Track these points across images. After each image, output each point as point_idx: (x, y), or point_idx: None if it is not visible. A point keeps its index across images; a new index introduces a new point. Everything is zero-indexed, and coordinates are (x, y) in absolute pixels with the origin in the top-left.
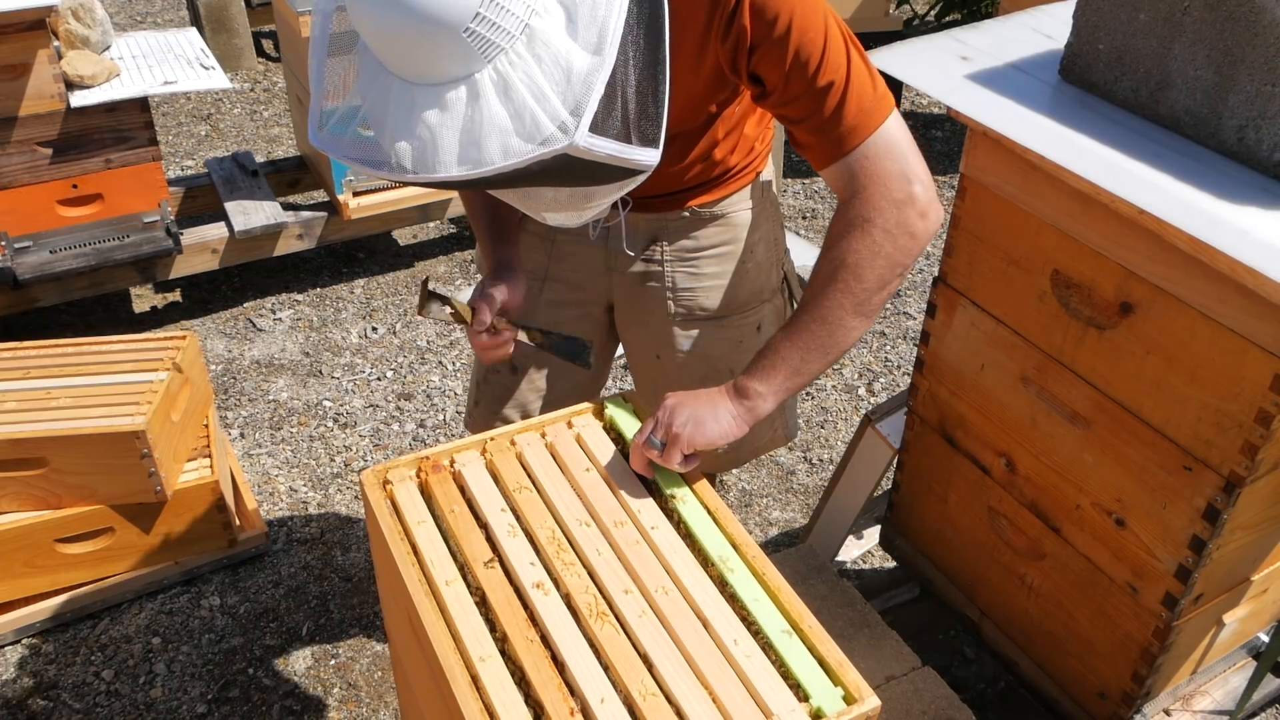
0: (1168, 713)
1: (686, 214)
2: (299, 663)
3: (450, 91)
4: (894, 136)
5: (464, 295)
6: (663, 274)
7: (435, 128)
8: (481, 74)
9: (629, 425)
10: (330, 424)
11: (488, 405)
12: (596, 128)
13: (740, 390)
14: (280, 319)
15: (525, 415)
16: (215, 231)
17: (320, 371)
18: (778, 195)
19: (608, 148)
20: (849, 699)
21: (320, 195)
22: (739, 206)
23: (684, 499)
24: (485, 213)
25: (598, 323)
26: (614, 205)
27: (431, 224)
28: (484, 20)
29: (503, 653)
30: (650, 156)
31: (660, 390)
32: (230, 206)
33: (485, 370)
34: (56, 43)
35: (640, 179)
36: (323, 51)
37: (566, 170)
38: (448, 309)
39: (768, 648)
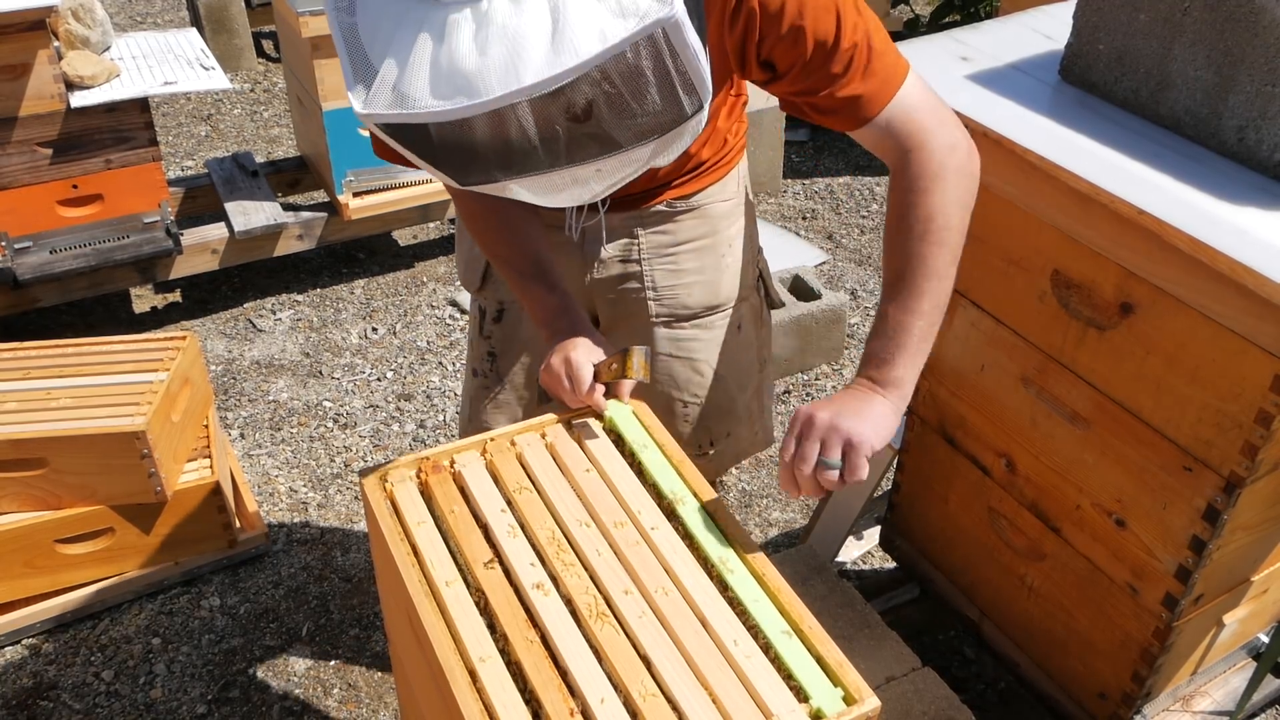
0: None
1: (663, 207)
2: (299, 663)
3: None
4: (921, 86)
5: (464, 295)
6: (641, 274)
7: (517, 32)
8: None
9: (629, 426)
10: (330, 424)
11: (476, 421)
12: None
13: (881, 381)
14: (280, 319)
15: None
16: (215, 232)
17: (320, 372)
18: (753, 193)
19: (694, 39)
20: (849, 699)
21: (320, 195)
22: (715, 198)
23: (684, 500)
24: (522, 257)
25: None
26: (593, 206)
27: (431, 224)
28: None
29: (503, 653)
30: (709, 82)
31: (642, 392)
32: (230, 207)
33: (476, 386)
34: (56, 43)
35: (681, 141)
36: (336, 16)
37: (638, 86)
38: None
39: (767, 648)
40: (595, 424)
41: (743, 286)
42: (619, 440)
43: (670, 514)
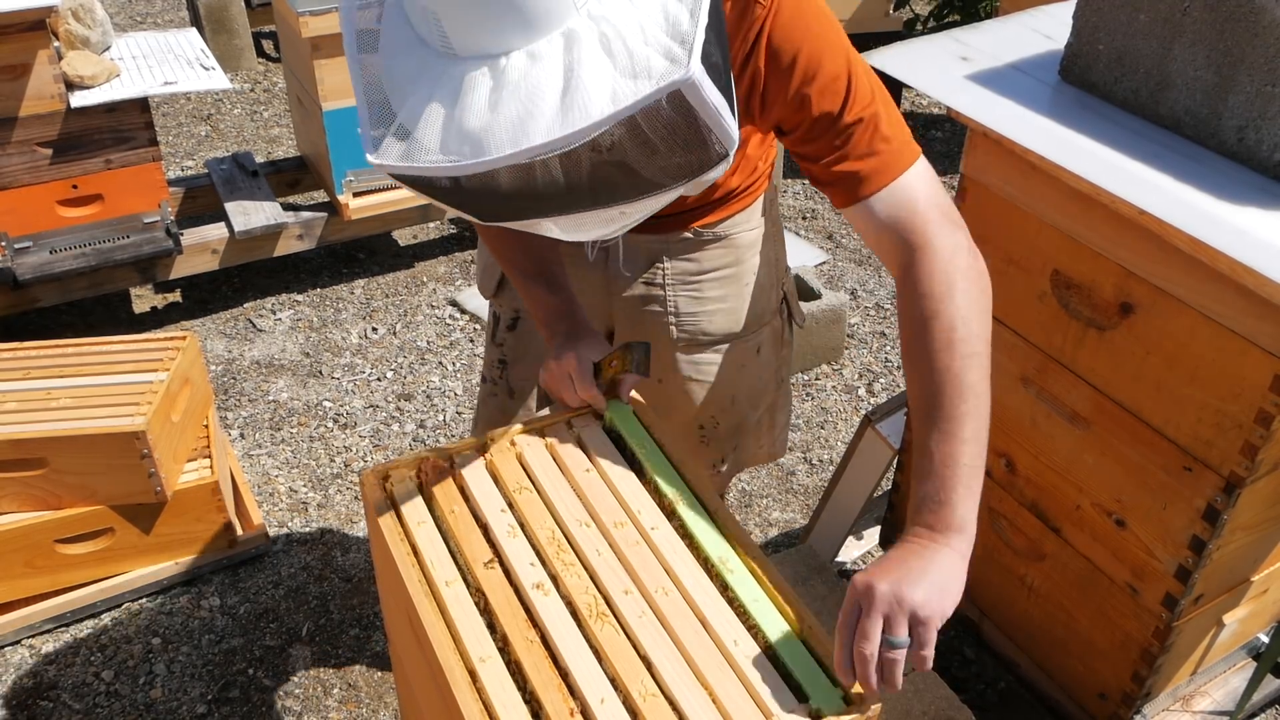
0: None
1: (689, 235)
2: (299, 663)
3: (541, 45)
4: (928, 179)
5: (474, 301)
6: (664, 298)
7: (530, 91)
8: (574, 23)
9: (629, 425)
10: (330, 424)
11: (484, 428)
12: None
13: (941, 527)
14: (280, 319)
15: None
16: (215, 232)
17: (320, 372)
18: (779, 210)
19: (714, 95)
20: (849, 699)
21: (320, 195)
22: (742, 228)
23: (684, 499)
24: (526, 257)
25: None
26: None
27: (431, 224)
28: None
29: (503, 653)
30: (735, 132)
31: (660, 414)
32: (230, 207)
33: (485, 393)
34: (56, 43)
35: (711, 175)
36: (358, 64)
37: (660, 136)
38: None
39: (768, 648)
40: (595, 424)
41: (765, 312)
42: (619, 439)
43: (670, 514)
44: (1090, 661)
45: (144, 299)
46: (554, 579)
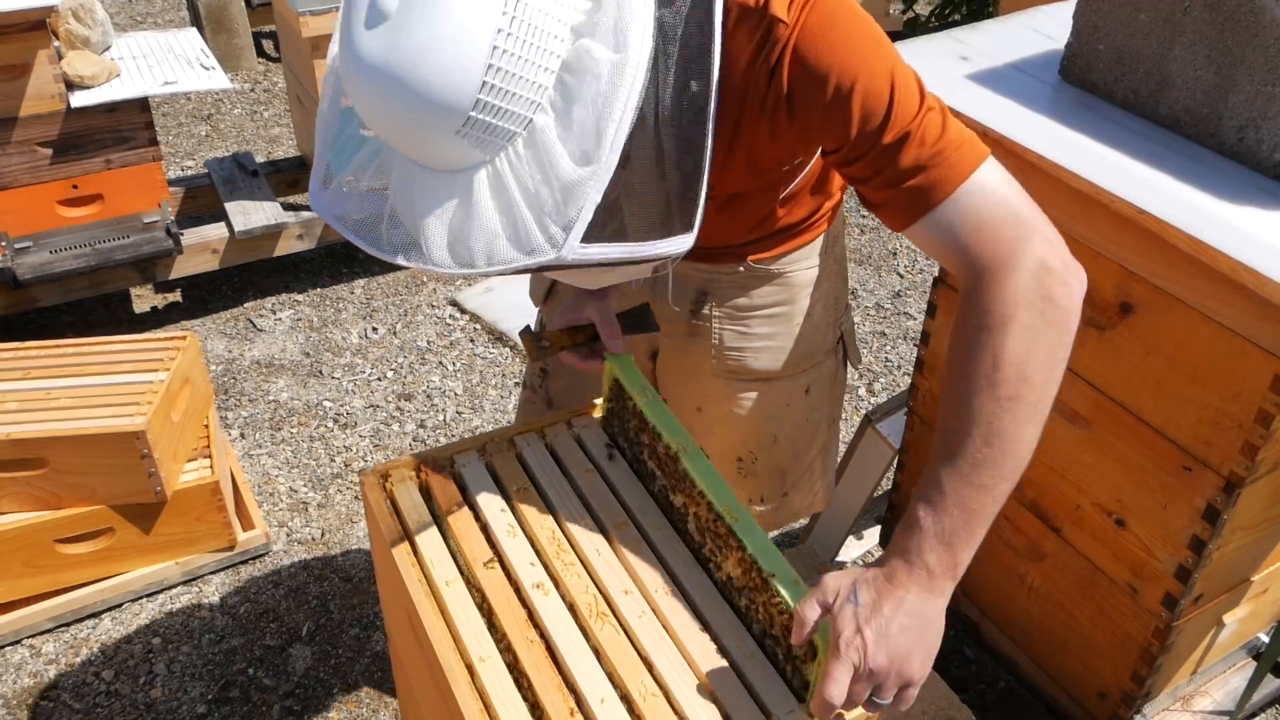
0: None
1: (741, 269)
2: (299, 663)
3: (451, 179)
4: (994, 180)
5: (474, 300)
6: (710, 330)
7: (428, 216)
8: (479, 170)
9: (629, 375)
10: (330, 424)
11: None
12: (596, 235)
13: (941, 571)
14: (280, 319)
15: None
16: (215, 232)
17: (320, 372)
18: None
19: (611, 253)
20: None
21: None
22: (799, 265)
23: (687, 449)
24: None
25: (640, 366)
26: None
27: None
28: (476, 123)
29: (503, 653)
30: (675, 245)
31: (707, 443)
32: (230, 207)
33: (524, 399)
34: (56, 43)
35: (679, 255)
36: (334, 118)
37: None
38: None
39: (782, 612)
40: (595, 424)
41: (818, 351)
42: (620, 393)
43: (674, 459)
44: (1090, 661)
45: (144, 299)
46: (554, 579)
